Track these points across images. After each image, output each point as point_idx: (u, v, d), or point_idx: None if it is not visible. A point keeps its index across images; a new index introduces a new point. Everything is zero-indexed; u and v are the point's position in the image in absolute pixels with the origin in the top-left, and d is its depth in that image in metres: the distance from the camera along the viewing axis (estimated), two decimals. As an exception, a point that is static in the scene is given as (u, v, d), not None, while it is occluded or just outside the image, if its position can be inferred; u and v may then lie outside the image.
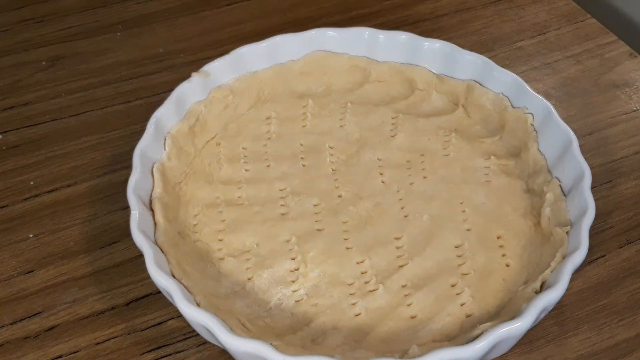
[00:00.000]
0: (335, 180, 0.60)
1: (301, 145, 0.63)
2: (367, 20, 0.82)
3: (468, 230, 0.56)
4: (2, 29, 0.82)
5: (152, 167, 0.58)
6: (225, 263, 0.54)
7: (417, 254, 0.54)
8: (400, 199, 0.58)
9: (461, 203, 0.58)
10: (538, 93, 0.62)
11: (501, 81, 0.64)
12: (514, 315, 0.46)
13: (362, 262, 0.54)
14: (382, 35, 0.68)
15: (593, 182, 0.55)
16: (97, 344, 0.52)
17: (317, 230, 0.56)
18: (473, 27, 0.81)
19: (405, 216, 0.57)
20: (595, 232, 0.57)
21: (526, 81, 0.63)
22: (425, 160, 0.62)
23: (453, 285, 0.52)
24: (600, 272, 0.56)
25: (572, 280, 0.48)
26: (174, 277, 0.49)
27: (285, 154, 0.62)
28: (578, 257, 0.49)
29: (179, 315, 0.53)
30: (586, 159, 0.56)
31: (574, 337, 0.52)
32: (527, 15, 0.83)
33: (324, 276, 0.53)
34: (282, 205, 0.58)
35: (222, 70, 0.65)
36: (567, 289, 0.47)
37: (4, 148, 0.68)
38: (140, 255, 0.51)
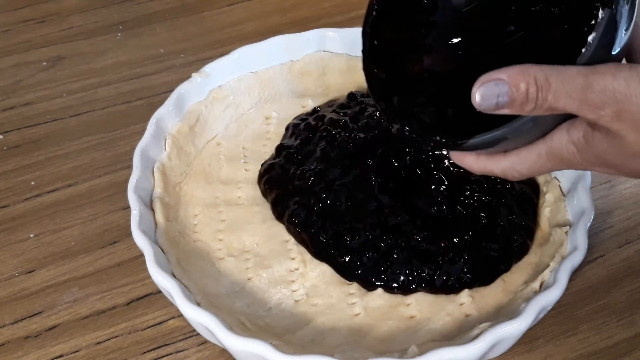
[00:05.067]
0: (335, 180, 0.60)
1: (301, 145, 0.63)
2: (367, 20, 0.82)
3: (467, 230, 0.56)
4: (3, 29, 0.82)
5: (153, 167, 0.58)
6: (225, 263, 0.54)
7: (416, 253, 0.54)
8: (400, 199, 0.59)
9: (461, 203, 0.58)
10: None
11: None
12: (513, 315, 0.46)
13: (362, 262, 0.54)
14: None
15: (592, 182, 0.55)
16: (98, 343, 0.52)
17: (317, 230, 0.56)
18: (473, 27, 0.81)
19: (405, 216, 0.57)
20: (594, 232, 0.57)
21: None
22: (425, 160, 0.62)
23: (452, 285, 0.52)
24: (599, 271, 0.56)
25: (571, 279, 0.48)
26: (174, 276, 0.49)
27: (285, 154, 0.63)
28: (577, 257, 0.49)
29: (180, 315, 0.53)
30: (585, 159, 0.56)
31: (573, 336, 0.52)
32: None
33: (323, 276, 0.53)
34: (282, 205, 0.58)
35: (222, 71, 0.65)
36: (566, 289, 0.48)
37: (5, 148, 0.68)
38: (140, 255, 0.52)
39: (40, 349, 0.52)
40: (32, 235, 0.60)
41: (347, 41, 0.69)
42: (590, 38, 0.37)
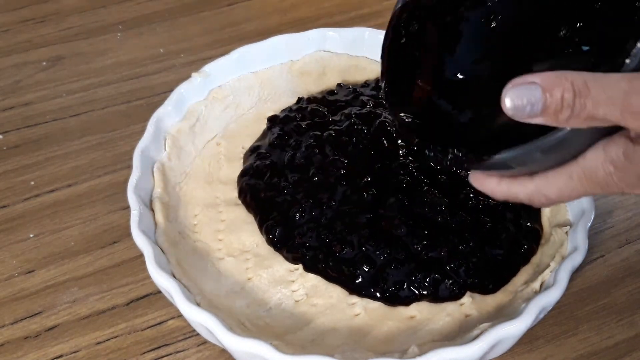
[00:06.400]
0: (335, 180, 0.60)
1: (301, 145, 0.63)
2: (367, 20, 0.82)
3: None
4: (2, 29, 0.82)
5: (153, 167, 0.58)
6: (225, 263, 0.54)
7: (416, 254, 0.54)
8: (400, 199, 0.58)
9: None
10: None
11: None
12: (513, 315, 0.46)
13: (362, 262, 0.54)
14: (382, 35, 0.68)
15: (592, 182, 0.55)
16: (98, 343, 0.52)
17: (317, 230, 0.56)
18: (473, 27, 0.81)
19: (405, 216, 0.57)
20: (594, 232, 0.57)
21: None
22: (425, 160, 0.62)
23: (452, 285, 0.52)
24: (599, 272, 0.56)
25: (571, 279, 0.48)
26: (174, 276, 0.49)
27: (285, 154, 0.62)
28: (577, 257, 0.49)
29: (179, 315, 0.53)
30: (586, 159, 0.56)
31: (574, 336, 0.52)
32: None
33: (323, 276, 0.53)
34: (281, 205, 0.58)
35: (222, 70, 0.65)
36: (567, 289, 0.48)
37: (5, 148, 0.68)
38: (140, 255, 0.51)
39: (39, 349, 0.52)
40: (31, 236, 0.60)
41: (347, 41, 0.69)
42: (635, 49, 0.34)
